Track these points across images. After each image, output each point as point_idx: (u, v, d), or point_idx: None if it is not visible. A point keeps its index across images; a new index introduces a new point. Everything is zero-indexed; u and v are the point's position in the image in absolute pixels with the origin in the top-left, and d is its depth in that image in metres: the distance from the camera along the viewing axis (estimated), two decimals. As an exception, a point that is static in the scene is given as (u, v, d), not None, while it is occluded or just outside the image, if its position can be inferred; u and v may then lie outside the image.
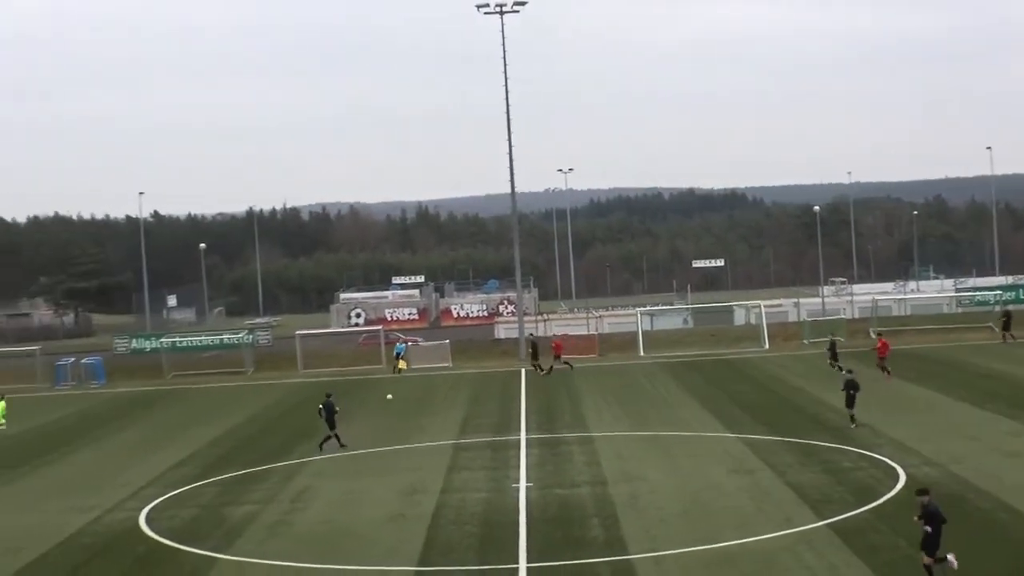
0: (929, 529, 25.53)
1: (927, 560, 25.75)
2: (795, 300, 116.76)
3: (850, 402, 48.94)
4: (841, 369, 61.60)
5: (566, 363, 77.61)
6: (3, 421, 61.38)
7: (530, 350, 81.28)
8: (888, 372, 63.90)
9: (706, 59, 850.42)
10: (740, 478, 40.76)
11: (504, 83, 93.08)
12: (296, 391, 77.71)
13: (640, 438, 50.60)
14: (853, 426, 47.95)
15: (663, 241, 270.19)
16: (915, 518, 26.60)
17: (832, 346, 73.16)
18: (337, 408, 50.71)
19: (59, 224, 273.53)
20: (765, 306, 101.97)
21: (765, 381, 68.12)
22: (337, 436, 50.07)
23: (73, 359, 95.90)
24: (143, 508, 40.20)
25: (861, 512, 34.59)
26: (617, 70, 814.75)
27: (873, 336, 78.81)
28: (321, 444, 50.07)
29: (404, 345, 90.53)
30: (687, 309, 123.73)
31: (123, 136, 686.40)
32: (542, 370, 77.24)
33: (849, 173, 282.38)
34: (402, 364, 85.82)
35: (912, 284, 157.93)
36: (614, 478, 41.71)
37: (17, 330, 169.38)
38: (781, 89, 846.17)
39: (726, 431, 50.81)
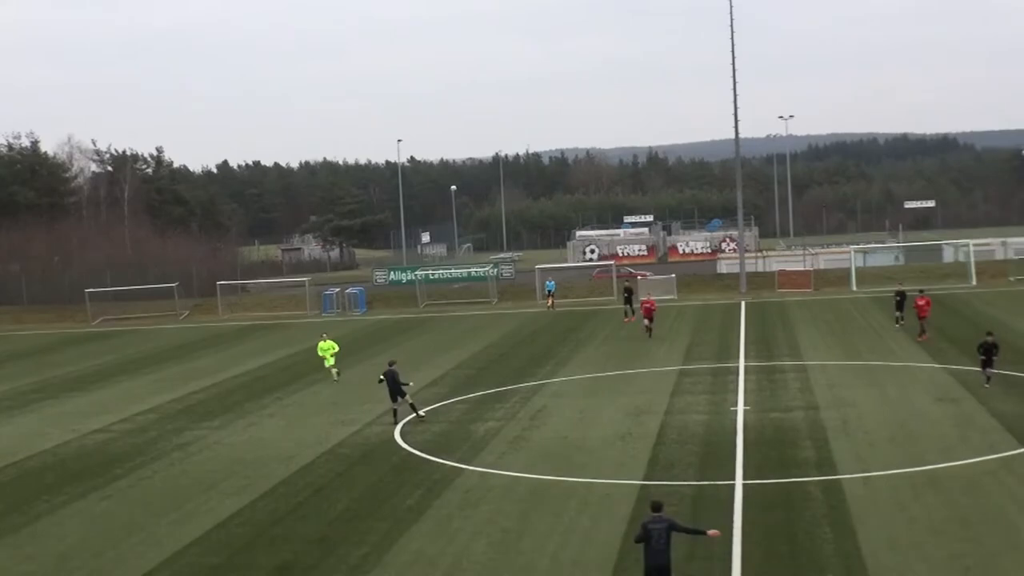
0: None
1: None
2: (1003, 239, 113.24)
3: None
4: None
5: (648, 328, 63.06)
6: (333, 364, 53.84)
7: (625, 295, 75.99)
8: None
9: (921, 11, 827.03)
10: (945, 406, 39.88)
11: (731, 36, 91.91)
12: (535, 320, 78.25)
13: (851, 367, 49.81)
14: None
15: (877, 183, 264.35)
16: None
17: None
18: (404, 381, 42.29)
19: (327, 169, 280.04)
20: (973, 244, 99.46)
21: (971, 315, 66.35)
22: (395, 411, 41.83)
23: (338, 289, 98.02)
24: (398, 422, 41.03)
25: (1061, 440, 33.62)
26: (836, 25, 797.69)
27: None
28: (396, 416, 41.82)
29: (554, 282, 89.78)
30: (898, 247, 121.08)
31: (382, 89, 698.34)
32: (629, 316, 72.66)
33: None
34: (550, 301, 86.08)
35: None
36: (826, 404, 41.18)
37: (291, 263, 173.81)
38: (991, 35, 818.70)
39: (932, 362, 49.71)
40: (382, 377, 42.10)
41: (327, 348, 53.38)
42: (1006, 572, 22.92)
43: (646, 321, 62.82)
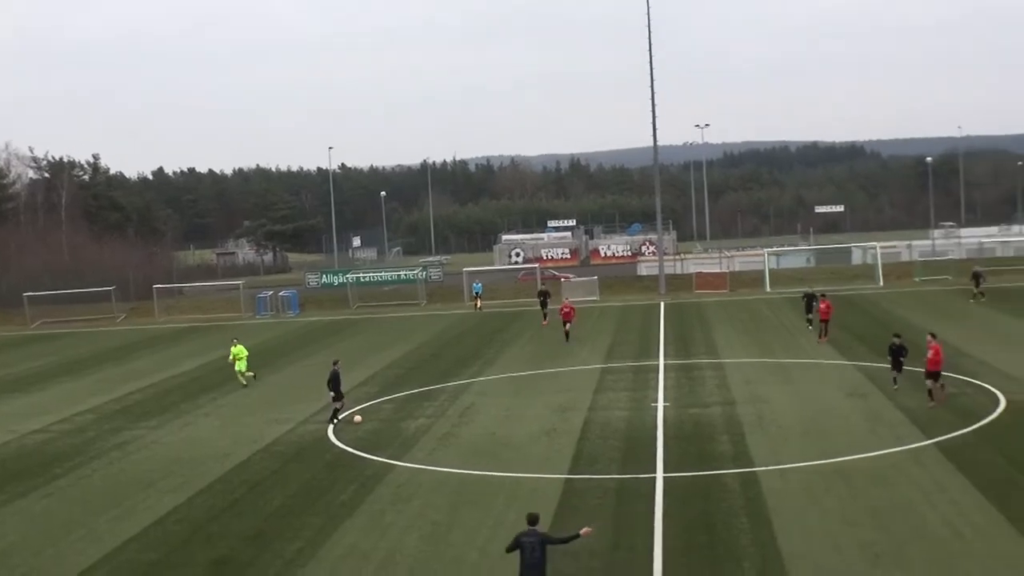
0: None
1: None
2: (908, 242, 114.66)
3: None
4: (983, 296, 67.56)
5: (566, 332, 61.48)
6: (244, 369, 52.80)
7: (540, 298, 75.52)
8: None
9: (832, 27, 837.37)
10: (854, 401, 40.33)
11: (649, 48, 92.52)
12: (463, 321, 78.29)
13: (765, 364, 50.24)
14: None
15: (789, 189, 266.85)
16: None
17: (976, 277, 73.09)
18: (341, 378, 41.81)
19: (260, 175, 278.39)
20: (880, 247, 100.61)
21: (878, 315, 67.11)
22: (336, 411, 41.20)
23: (271, 292, 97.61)
24: (336, 420, 40.86)
25: (965, 433, 34.06)
26: (751, 38, 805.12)
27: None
28: (332, 418, 41.08)
29: (481, 285, 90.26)
30: (809, 250, 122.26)
31: (314, 98, 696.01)
32: (545, 318, 72.01)
33: (959, 127, 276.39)
34: (479, 303, 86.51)
35: (1016, 228, 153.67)
36: (742, 400, 41.51)
37: (225, 267, 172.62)
38: (896, 51, 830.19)
39: (842, 359, 50.25)
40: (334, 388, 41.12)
41: (238, 353, 52.68)
42: (913, 560, 23.21)
43: (566, 326, 61.56)
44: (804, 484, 29.38)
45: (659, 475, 31.02)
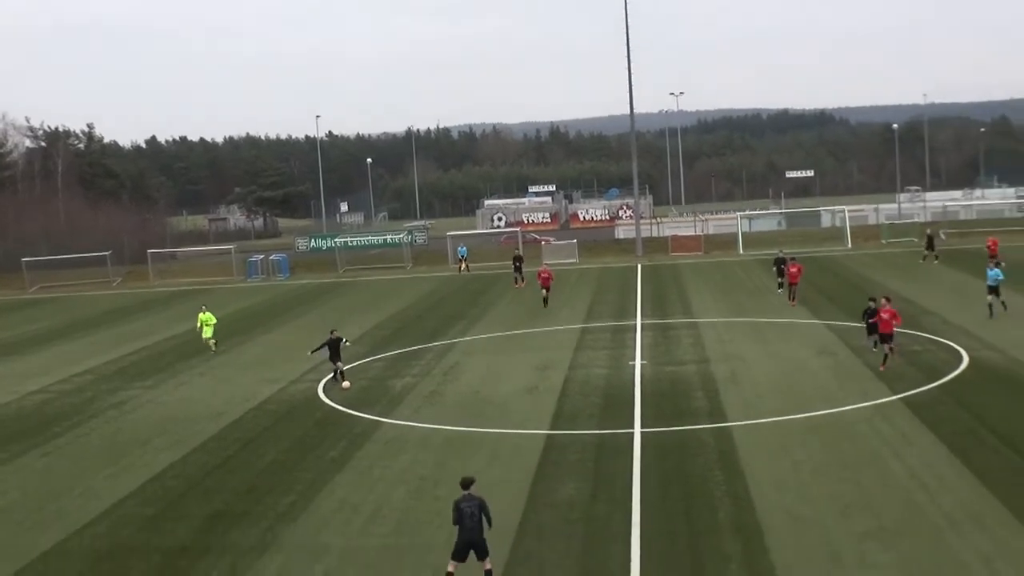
0: None
1: None
2: (875, 206, 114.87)
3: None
4: (937, 259, 67.57)
5: (544, 298, 58.87)
6: (210, 336, 51.37)
7: (515, 263, 73.74)
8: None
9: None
10: (824, 358, 40.46)
11: (625, 18, 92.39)
12: (447, 283, 78.25)
13: (738, 323, 50.36)
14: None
15: (761, 155, 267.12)
16: None
17: (930, 240, 73.56)
18: (346, 342, 41.82)
19: (250, 143, 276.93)
20: (848, 211, 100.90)
21: (847, 275, 67.30)
22: (339, 372, 40.21)
23: (262, 256, 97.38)
24: (321, 380, 40.87)
25: (930, 388, 34.22)
26: (725, 8, 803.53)
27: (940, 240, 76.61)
28: (338, 376, 40.25)
29: (466, 248, 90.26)
30: (780, 213, 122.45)
31: (301, 67, 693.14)
32: (519, 282, 71.45)
33: (925, 95, 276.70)
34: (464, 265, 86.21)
35: (978, 192, 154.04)
36: (716, 358, 41.61)
37: (217, 232, 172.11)
38: (864, 21, 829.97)
39: (813, 318, 50.36)
40: (320, 346, 40.46)
41: (206, 320, 51.49)
42: (880, 508, 23.35)
43: (544, 291, 58.95)
44: (776, 438, 29.51)
45: (637, 430, 31.10)
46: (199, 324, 51.83)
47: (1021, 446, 27.35)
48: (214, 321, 51.65)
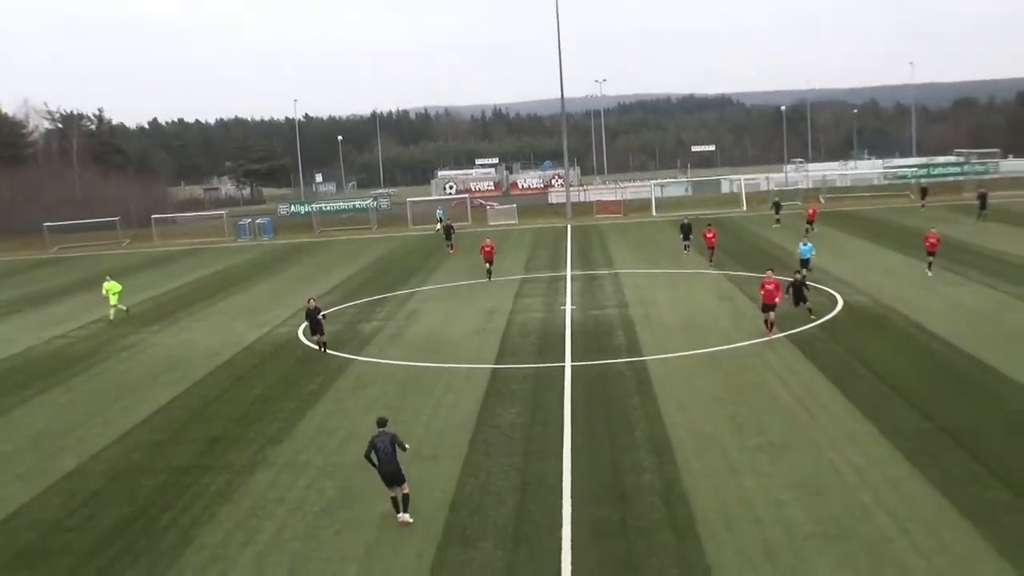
0: None
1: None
2: (766, 175, 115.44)
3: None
4: (779, 222, 67.50)
5: (488, 271, 51.49)
6: (116, 303, 47.17)
7: (445, 232, 69.72)
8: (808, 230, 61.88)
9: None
10: (724, 303, 40.81)
11: (556, 17, 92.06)
12: (407, 242, 77.99)
13: (652, 274, 50.60)
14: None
15: (671, 133, 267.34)
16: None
17: (776, 205, 73.98)
18: (322, 314, 36.16)
19: (238, 124, 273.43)
20: (744, 179, 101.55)
21: (742, 233, 67.69)
22: (322, 343, 35.68)
23: (250, 220, 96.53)
24: (301, 324, 40.70)
25: (811, 327, 34.62)
26: (640, 5, 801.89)
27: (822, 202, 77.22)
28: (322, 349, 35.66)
29: (442, 211, 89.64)
30: (687, 181, 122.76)
31: (283, 57, 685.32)
32: (451, 248, 66.67)
33: (808, 81, 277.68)
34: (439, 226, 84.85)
35: (852, 163, 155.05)
36: (633, 302, 41.85)
37: (211, 200, 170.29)
38: (759, 16, 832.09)
39: (715, 270, 50.67)
40: (307, 313, 35.84)
41: (111, 288, 47.07)
42: (769, 426, 23.68)
43: (487, 265, 51.56)
44: (683, 369, 29.80)
45: (568, 364, 31.30)
46: (104, 292, 47.35)
47: (885, 374, 27.82)
48: (118, 289, 47.49)
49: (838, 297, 40.09)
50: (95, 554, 18.84)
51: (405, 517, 19.19)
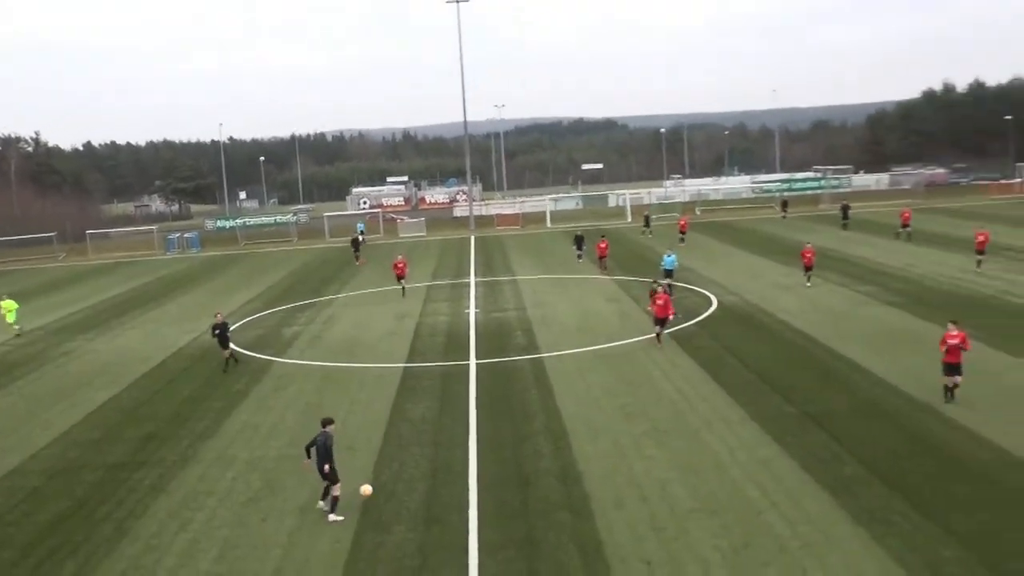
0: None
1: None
2: (648, 190, 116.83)
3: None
4: (651, 234, 68.34)
5: (403, 289, 48.01)
6: (13, 323, 44.06)
7: (353, 245, 67.29)
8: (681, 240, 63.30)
9: (595, 29, 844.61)
10: (612, 305, 41.17)
11: (459, 45, 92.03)
12: (325, 253, 77.22)
13: (548, 280, 50.86)
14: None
15: (563, 152, 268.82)
16: None
17: (647, 219, 74.58)
18: (230, 330, 33.69)
19: (167, 146, 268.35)
20: (629, 194, 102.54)
21: (627, 243, 68.36)
22: (232, 356, 33.08)
23: (179, 234, 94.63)
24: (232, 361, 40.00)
25: (689, 325, 35.11)
26: (536, 37, 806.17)
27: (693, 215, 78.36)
28: (226, 368, 32.74)
29: (364, 224, 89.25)
30: (578, 196, 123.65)
31: (208, 83, 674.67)
32: (359, 260, 64.92)
33: (684, 106, 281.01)
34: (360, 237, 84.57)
35: (724, 179, 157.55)
36: (531, 305, 42.01)
37: (141, 216, 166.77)
38: (641, 47, 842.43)
39: (603, 275, 51.08)
40: (216, 330, 33.03)
41: (8, 307, 44.41)
42: (653, 414, 23.96)
43: (401, 282, 48.18)
44: (576, 365, 30.00)
45: (472, 362, 31.30)
46: (2, 311, 44.59)
47: (754, 365, 28.35)
48: (15, 307, 44.61)
49: (712, 298, 40.73)
50: (35, 546, 18.33)
51: (323, 508, 18.98)
